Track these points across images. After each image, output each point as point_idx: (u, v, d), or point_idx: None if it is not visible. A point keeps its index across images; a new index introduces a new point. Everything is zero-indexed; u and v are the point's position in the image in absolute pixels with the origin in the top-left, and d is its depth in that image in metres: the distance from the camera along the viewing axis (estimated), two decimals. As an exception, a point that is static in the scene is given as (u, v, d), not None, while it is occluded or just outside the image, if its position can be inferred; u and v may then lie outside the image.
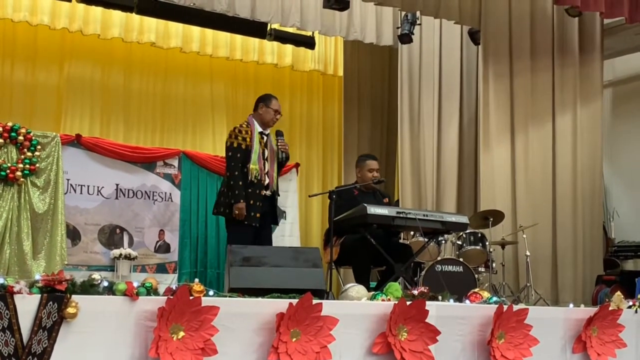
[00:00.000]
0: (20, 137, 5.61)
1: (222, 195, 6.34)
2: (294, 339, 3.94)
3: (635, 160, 9.97)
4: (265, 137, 6.33)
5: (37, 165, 5.63)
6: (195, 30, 9.55)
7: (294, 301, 3.93)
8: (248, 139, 6.22)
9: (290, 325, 3.92)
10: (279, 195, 6.54)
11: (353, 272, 6.32)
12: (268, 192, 6.27)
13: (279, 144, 6.35)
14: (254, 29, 9.31)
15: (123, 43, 9.28)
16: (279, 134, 6.40)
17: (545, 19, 8.82)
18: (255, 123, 6.33)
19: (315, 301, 4.01)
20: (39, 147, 5.65)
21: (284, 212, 9.15)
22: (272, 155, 6.31)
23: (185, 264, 8.79)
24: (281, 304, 3.94)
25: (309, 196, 7.96)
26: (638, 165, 9.96)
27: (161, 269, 8.63)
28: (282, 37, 9.71)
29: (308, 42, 9.89)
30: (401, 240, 7.29)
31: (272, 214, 6.37)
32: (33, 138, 5.64)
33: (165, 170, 8.84)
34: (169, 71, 9.73)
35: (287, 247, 6.80)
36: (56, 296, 3.40)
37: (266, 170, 6.23)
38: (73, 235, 7.88)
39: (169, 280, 8.49)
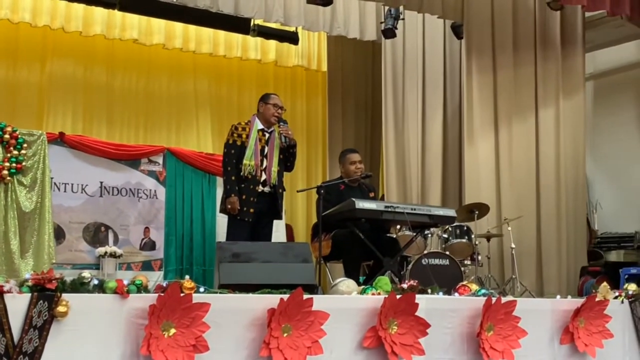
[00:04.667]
0: (6, 136, 5.58)
1: (223, 193, 6.36)
2: (285, 334, 3.94)
3: (618, 152, 10.05)
4: (267, 134, 6.32)
5: (24, 163, 5.60)
6: (178, 26, 9.52)
7: (285, 296, 3.94)
8: (244, 136, 6.23)
9: (282, 320, 3.93)
10: (283, 190, 6.50)
11: (343, 267, 6.34)
12: (266, 189, 6.25)
13: (280, 129, 6.34)
14: (238, 24, 9.29)
15: (105, 40, 9.24)
16: (281, 120, 6.39)
17: (528, 12, 8.86)
18: (257, 121, 6.34)
19: (306, 296, 4.02)
20: (25, 145, 5.61)
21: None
22: (272, 151, 6.29)
23: (170, 261, 8.74)
24: (272, 300, 3.95)
25: (297, 191, 7.97)
26: (620, 157, 10.04)
27: (147, 266, 8.58)
28: (266, 33, 9.70)
29: (292, 38, 9.88)
30: (388, 234, 7.30)
31: (272, 210, 6.34)
32: (19, 136, 5.61)
33: (149, 168, 8.79)
34: (152, 68, 9.69)
35: (277, 243, 6.80)
36: (46, 295, 3.39)
37: (264, 166, 6.22)
38: (58, 233, 7.81)
39: (155, 278, 8.47)
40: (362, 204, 5.85)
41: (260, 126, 6.33)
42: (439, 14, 8.82)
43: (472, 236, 7.95)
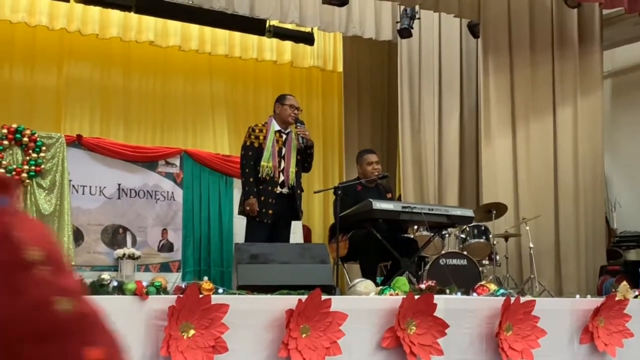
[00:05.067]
0: (25, 139, 5.61)
1: (241, 195, 6.36)
2: (303, 335, 3.94)
3: (636, 150, 9.97)
4: (284, 136, 6.32)
5: (43, 166, 5.64)
6: (194, 28, 9.53)
7: (303, 297, 3.94)
8: (261, 137, 6.23)
9: (300, 321, 3.93)
10: (301, 191, 6.50)
11: (360, 268, 6.33)
12: (284, 190, 6.25)
13: (297, 130, 6.34)
14: (253, 26, 9.28)
15: (121, 42, 9.27)
16: (298, 121, 6.39)
17: (544, 10, 8.82)
18: (274, 122, 6.34)
19: (324, 297, 4.02)
20: (43, 148, 5.64)
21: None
22: (289, 152, 6.29)
23: (188, 262, 8.79)
24: (290, 301, 3.95)
25: (314, 192, 7.96)
26: (639, 155, 9.97)
27: (165, 268, 8.63)
28: (281, 34, 9.70)
29: (307, 39, 9.87)
30: (406, 235, 7.29)
31: (290, 211, 6.34)
32: (38, 139, 5.64)
33: (167, 170, 8.84)
34: (168, 70, 9.71)
35: (295, 244, 6.79)
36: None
37: (281, 167, 6.22)
38: (76, 236, 7.88)
39: (173, 279, 8.50)
40: (380, 205, 5.84)
41: (277, 127, 6.33)
42: (455, 12, 8.79)
43: (490, 236, 7.92)
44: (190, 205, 8.94)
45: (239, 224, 7.71)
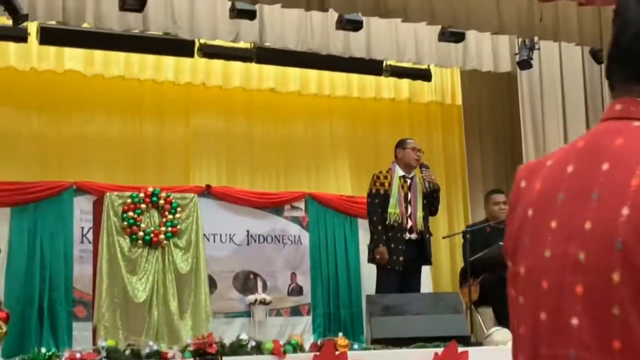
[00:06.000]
0: (161, 201, 5.86)
1: (370, 244, 6.39)
2: (442, 391, 3.91)
3: None
4: (409, 181, 6.33)
5: (179, 227, 5.86)
6: (313, 72, 9.70)
7: (440, 350, 3.92)
8: (387, 184, 6.27)
9: (438, 377, 3.90)
10: (430, 235, 6.48)
11: (494, 313, 6.22)
12: (413, 236, 6.25)
13: (423, 175, 6.34)
14: (370, 66, 9.35)
15: (244, 91, 9.52)
16: (423, 166, 6.39)
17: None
18: (397, 168, 6.38)
19: (460, 349, 3.97)
20: (179, 209, 5.88)
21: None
22: (415, 197, 6.29)
23: (318, 305, 8.86)
24: (426, 354, 3.94)
25: (443, 237, 7.87)
26: None
27: (295, 311, 8.74)
28: (399, 72, 9.71)
29: (425, 75, 9.86)
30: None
31: (421, 256, 6.32)
32: (173, 201, 5.88)
33: (292, 214, 8.99)
34: (289, 115, 9.88)
35: (426, 294, 6.75)
36: (207, 359, 3.51)
37: (408, 213, 6.23)
38: (210, 283, 8.09)
39: (304, 323, 8.60)
40: (511, 248, 5.71)
41: (401, 173, 6.34)
42: (576, 41, 8.59)
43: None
44: (317, 248, 9.04)
45: (366, 264, 7.74)
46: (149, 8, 7.32)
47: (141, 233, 5.75)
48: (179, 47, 8.40)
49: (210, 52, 8.57)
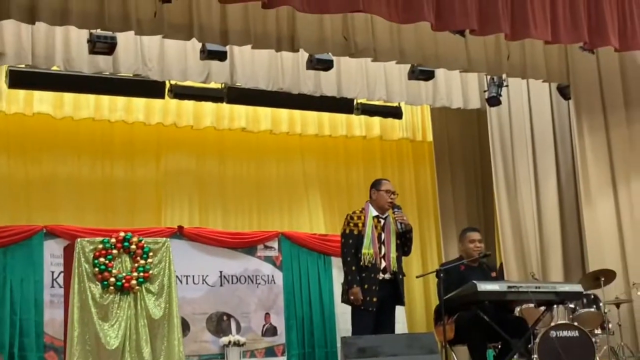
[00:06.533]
0: (133, 246, 5.79)
1: (343, 284, 6.37)
2: None
3: None
4: (382, 221, 6.34)
5: (151, 272, 5.80)
6: (284, 111, 9.71)
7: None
8: (360, 225, 6.28)
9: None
10: (403, 275, 6.47)
11: (469, 351, 6.21)
12: (387, 276, 6.24)
13: (395, 216, 6.35)
14: (341, 105, 9.39)
15: (215, 131, 9.50)
16: (395, 207, 6.41)
17: (635, 67, 8.64)
18: (371, 208, 6.39)
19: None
20: (151, 254, 5.81)
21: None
22: (389, 237, 6.29)
23: (293, 345, 8.82)
24: (403, 399, 3.90)
25: (417, 277, 7.87)
26: None
27: (270, 352, 8.68)
28: (369, 110, 9.78)
29: (395, 113, 9.93)
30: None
31: (394, 297, 6.31)
32: (145, 246, 5.82)
33: (266, 253, 8.97)
34: (261, 154, 9.86)
35: (402, 335, 6.74)
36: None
37: (382, 253, 6.23)
38: (183, 326, 7.99)
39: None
40: (485, 287, 5.74)
41: (375, 213, 6.35)
42: (543, 77, 8.71)
43: (601, 304, 7.67)
44: (291, 288, 9.02)
45: (341, 303, 7.69)
46: (119, 50, 7.31)
47: (113, 279, 5.69)
48: (149, 88, 8.38)
49: (181, 92, 8.57)
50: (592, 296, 7.71)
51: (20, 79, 7.91)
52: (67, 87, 8.22)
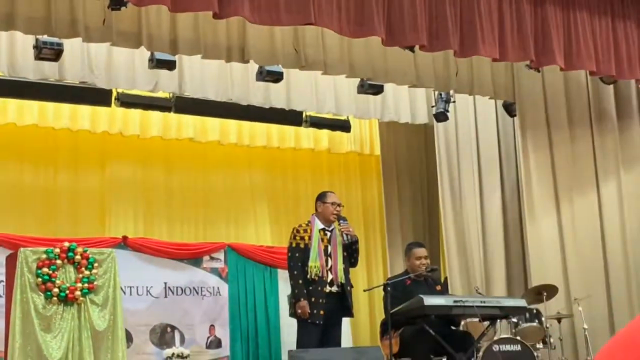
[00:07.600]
0: (78, 257, 5.69)
1: (290, 297, 6.35)
2: None
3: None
4: (329, 233, 6.34)
5: (95, 283, 5.70)
6: (232, 122, 9.66)
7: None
8: (307, 238, 6.26)
9: None
10: (351, 287, 6.47)
11: (414, 365, 6.24)
12: (333, 289, 6.23)
13: (341, 228, 6.36)
14: (290, 117, 9.39)
15: (162, 141, 9.40)
16: (340, 218, 6.42)
17: (580, 87, 8.84)
18: (317, 220, 6.38)
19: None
20: (96, 264, 5.71)
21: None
22: (335, 249, 6.29)
23: (237, 358, 8.74)
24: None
25: (364, 290, 7.89)
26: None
27: (214, 365, 8.58)
28: (318, 123, 9.80)
29: (343, 126, 9.98)
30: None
31: (341, 309, 6.31)
32: (90, 256, 5.72)
33: (212, 265, 8.88)
34: (208, 164, 9.80)
35: (348, 348, 6.74)
36: None
37: (329, 266, 6.22)
38: (126, 337, 7.89)
39: (223, 377, 8.45)
40: (431, 300, 5.78)
41: (321, 225, 6.35)
42: (490, 94, 8.85)
43: (543, 318, 7.78)
44: (237, 300, 8.95)
45: (287, 315, 7.67)
46: (65, 57, 7.18)
47: (56, 289, 5.57)
48: (95, 96, 8.25)
49: (128, 101, 8.46)
50: (535, 311, 7.82)
51: (-39, 84, 7.74)
52: (10, 93, 8.05)
